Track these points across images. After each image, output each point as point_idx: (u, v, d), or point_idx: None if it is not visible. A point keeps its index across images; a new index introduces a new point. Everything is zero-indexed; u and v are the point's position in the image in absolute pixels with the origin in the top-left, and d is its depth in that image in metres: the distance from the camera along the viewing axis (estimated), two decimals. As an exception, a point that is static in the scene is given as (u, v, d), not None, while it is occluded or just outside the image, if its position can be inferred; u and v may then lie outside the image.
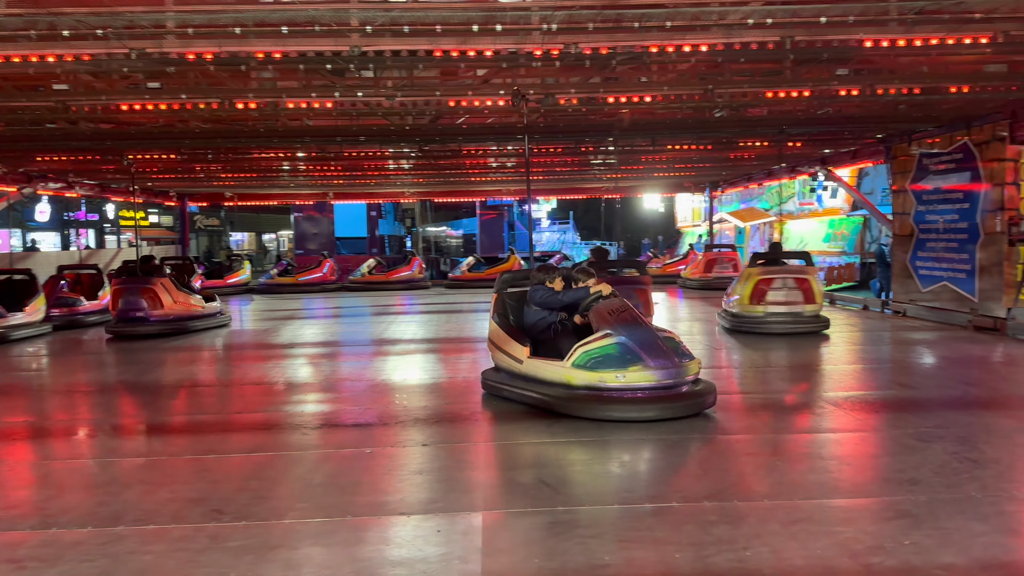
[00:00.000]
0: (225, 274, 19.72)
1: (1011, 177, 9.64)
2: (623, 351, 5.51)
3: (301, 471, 4.65)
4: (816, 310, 10.09)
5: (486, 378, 6.53)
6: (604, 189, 22.96)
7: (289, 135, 10.77)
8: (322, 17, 5.38)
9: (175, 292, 11.29)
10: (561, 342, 5.97)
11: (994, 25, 6.13)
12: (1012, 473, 4.33)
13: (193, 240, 31.70)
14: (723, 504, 3.86)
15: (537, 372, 5.88)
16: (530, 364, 5.95)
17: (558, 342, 6.01)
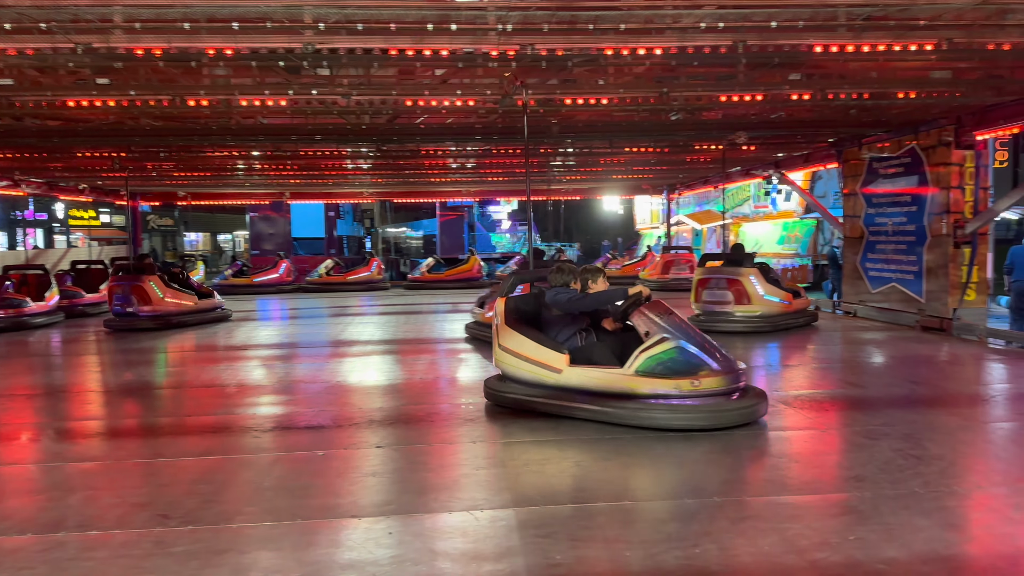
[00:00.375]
0: (178, 275, 19.32)
1: (956, 181, 9.91)
2: (686, 355, 5.23)
3: (251, 475, 4.58)
4: (751, 311, 10.19)
5: (496, 390, 5.94)
6: (564, 191, 23.05)
7: (243, 133, 10.61)
8: (274, 13, 5.31)
9: (164, 288, 11.91)
10: (593, 350, 5.61)
11: (938, 32, 6.29)
12: (954, 469, 4.44)
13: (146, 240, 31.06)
14: (674, 502, 3.89)
15: (585, 382, 5.40)
16: (573, 373, 5.44)
17: (589, 350, 5.65)
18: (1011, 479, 4.35)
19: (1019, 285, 10.95)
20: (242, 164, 14.93)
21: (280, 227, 23.98)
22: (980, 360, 8.27)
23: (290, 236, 24.52)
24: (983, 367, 8.00)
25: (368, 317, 13.96)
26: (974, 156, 9.92)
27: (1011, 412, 6.08)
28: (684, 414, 5.13)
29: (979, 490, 4.08)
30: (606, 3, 5.65)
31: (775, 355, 8.96)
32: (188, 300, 12.31)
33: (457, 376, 7.80)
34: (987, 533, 3.52)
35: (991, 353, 8.57)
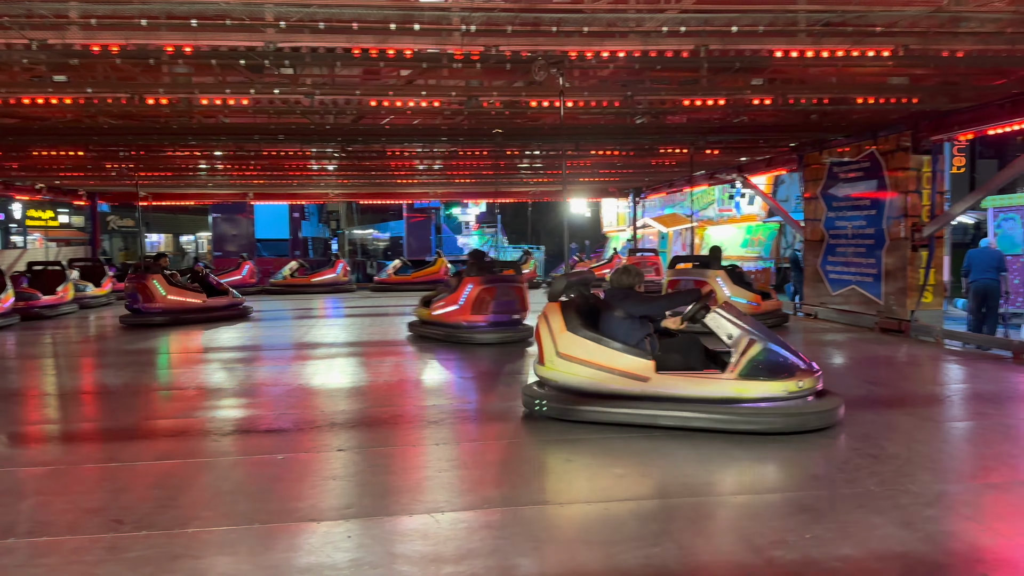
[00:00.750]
0: (139, 276, 18.99)
1: (914, 185, 10.11)
2: (776, 356, 5.12)
3: (209, 478, 4.51)
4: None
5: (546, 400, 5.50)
6: (531, 193, 23.08)
7: (204, 132, 10.46)
8: (234, 11, 5.23)
9: (167, 287, 12.62)
10: (681, 354, 5.41)
11: (895, 39, 6.42)
12: (909, 468, 4.52)
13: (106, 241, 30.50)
14: (635, 503, 3.90)
15: (680, 390, 5.15)
16: (664, 381, 5.17)
17: (675, 355, 5.42)
18: (964, 477, 4.45)
19: (976, 285, 11.33)
20: (204, 164, 14.72)
21: (243, 228, 23.68)
22: (937, 361, 8.43)
23: (254, 237, 24.22)
24: (939, 368, 8.16)
25: (333, 319, 13.84)
26: (931, 161, 10.12)
27: (966, 412, 6.21)
28: (794, 417, 5.05)
29: (933, 489, 4.16)
30: (569, 5, 5.68)
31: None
32: (195, 298, 12.94)
33: (422, 379, 7.77)
34: (940, 530, 3.58)
35: (947, 354, 8.75)
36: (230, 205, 23.07)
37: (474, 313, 9.66)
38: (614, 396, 5.29)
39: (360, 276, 24.03)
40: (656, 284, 17.93)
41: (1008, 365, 7.90)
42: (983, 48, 6.66)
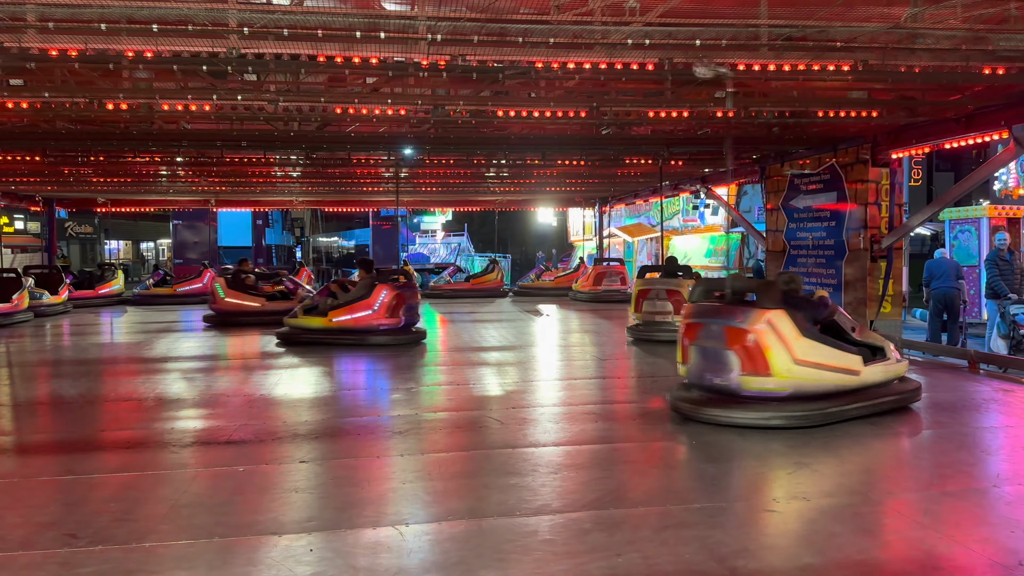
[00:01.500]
0: (96, 284, 18.64)
1: (873, 197, 10.31)
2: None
3: (167, 491, 4.41)
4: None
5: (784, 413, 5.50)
6: (498, 202, 23.12)
7: (165, 138, 10.29)
8: (196, 16, 5.15)
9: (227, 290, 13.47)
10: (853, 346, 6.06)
11: (854, 54, 6.54)
12: (868, 476, 4.59)
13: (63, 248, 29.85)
14: (598, 512, 3.91)
15: (879, 376, 6.01)
16: (870, 372, 5.87)
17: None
18: (922, 485, 4.53)
19: (937, 293, 12.21)
20: (165, 170, 14.49)
21: (205, 235, 23.36)
22: (894, 370, 8.57)
23: (216, 245, 23.89)
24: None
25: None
26: (889, 174, 10.34)
27: (924, 420, 6.32)
28: (908, 393, 6.32)
29: (891, 496, 4.23)
30: (535, 17, 5.69)
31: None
32: (253, 302, 13.54)
33: (387, 387, 7.71)
34: (898, 538, 3.64)
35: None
36: (192, 212, 22.75)
37: (388, 317, 10.42)
38: (836, 394, 5.68)
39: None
40: (622, 293, 18.08)
41: (964, 374, 8.07)
42: (939, 64, 6.82)
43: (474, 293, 20.70)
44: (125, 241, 45.11)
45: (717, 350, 5.61)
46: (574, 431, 5.69)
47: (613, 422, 6.08)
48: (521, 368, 8.86)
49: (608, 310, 15.92)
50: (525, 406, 6.64)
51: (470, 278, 22.00)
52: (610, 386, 7.82)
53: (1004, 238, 12.08)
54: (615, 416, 6.34)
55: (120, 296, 19.18)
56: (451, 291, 20.83)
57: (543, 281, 21.22)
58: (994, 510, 4.04)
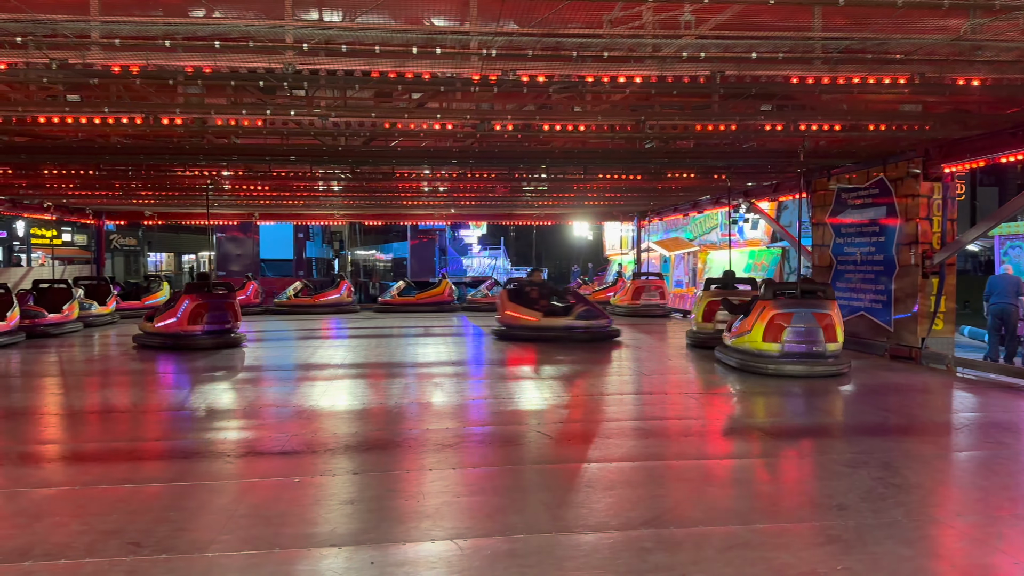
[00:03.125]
0: (143, 295, 18.99)
1: (924, 212, 10.11)
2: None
3: (224, 501, 4.45)
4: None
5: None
6: (535, 216, 23.13)
7: (216, 153, 10.47)
8: (257, 33, 5.24)
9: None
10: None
11: (911, 67, 6.43)
12: (933, 498, 4.47)
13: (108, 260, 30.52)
14: (659, 531, 3.85)
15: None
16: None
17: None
18: (989, 508, 4.39)
19: (995, 308, 12.30)
20: (212, 184, 14.74)
21: (248, 248, 23.69)
22: (949, 389, 8.38)
23: (258, 257, 24.22)
24: (952, 396, 8.11)
25: (338, 340, 13.79)
26: (942, 188, 10.13)
27: (982, 440, 6.15)
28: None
29: (959, 519, 4.10)
30: (590, 31, 5.69)
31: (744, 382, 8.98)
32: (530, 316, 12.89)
33: (432, 401, 7.71)
34: (969, 562, 3.53)
35: (959, 382, 8.69)
36: (235, 225, 23.11)
37: (190, 324, 11.56)
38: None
39: (363, 297, 24.00)
40: (661, 308, 17.94)
41: (1020, 393, 7.84)
42: (998, 77, 6.68)
43: (513, 306, 20.65)
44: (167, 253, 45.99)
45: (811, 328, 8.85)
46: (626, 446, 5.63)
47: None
48: (563, 382, 8.80)
49: (648, 324, 15.81)
50: (579, 421, 6.59)
51: (507, 292, 21.96)
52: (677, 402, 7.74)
53: None
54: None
55: (165, 307, 19.52)
56: (488, 304, 20.84)
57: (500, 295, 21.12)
58: (1069, 535, 3.90)
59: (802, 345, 8.84)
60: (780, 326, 8.83)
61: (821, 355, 8.85)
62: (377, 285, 25.86)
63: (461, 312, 20.31)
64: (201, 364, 10.27)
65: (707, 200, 18.04)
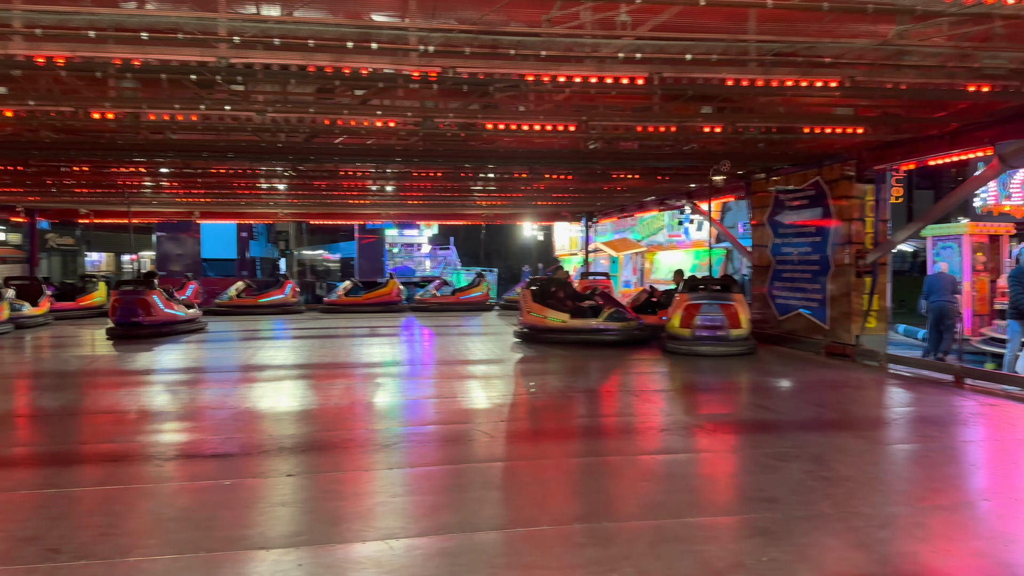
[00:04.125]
0: (77, 296, 18.42)
1: (858, 213, 10.38)
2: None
3: (152, 505, 4.33)
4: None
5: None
6: (485, 216, 23.10)
7: (151, 148, 10.20)
8: (186, 25, 5.11)
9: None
10: None
11: (842, 71, 6.60)
12: (861, 490, 4.58)
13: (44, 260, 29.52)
14: (593, 526, 3.87)
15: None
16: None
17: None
18: (913, 499, 4.52)
19: (934, 306, 12.67)
20: (149, 181, 14.36)
21: (188, 247, 23.14)
22: (882, 385, 8.62)
23: (199, 257, 23.68)
24: (884, 391, 8.34)
25: (281, 341, 13.57)
26: (874, 190, 10.42)
27: (911, 434, 6.35)
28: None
29: (884, 510, 4.21)
30: (527, 29, 5.70)
31: (685, 378, 9.11)
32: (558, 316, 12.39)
33: (374, 401, 7.63)
34: (892, 552, 3.62)
35: (891, 378, 8.95)
36: (175, 224, 22.56)
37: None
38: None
39: (309, 297, 23.65)
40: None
41: (949, 389, 8.11)
42: (924, 81, 6.89)
43: (460, 307, 20.64)
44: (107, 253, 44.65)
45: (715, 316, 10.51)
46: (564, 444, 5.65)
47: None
48: (508, 381, 8.81)
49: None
50: (520, 419, 6.59)
51: (456, 292, 21.95)
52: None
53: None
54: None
55: (102, 308, 18.94)
56: (437, 304, 20.76)
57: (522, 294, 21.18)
58: (986, 524, 4.04)
59: (710, 330, 10.55)
60: (692, 314, 10.59)
61: (726, 338, 10.62)
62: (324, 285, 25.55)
63: (409, 312, 20.18)
64: (139, 365, 10.00)
65: (652, 201, 18.27)
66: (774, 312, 12.24)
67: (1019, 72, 6.70)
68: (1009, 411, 6.91)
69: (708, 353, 10.43)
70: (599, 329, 11.69)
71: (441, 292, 21.53)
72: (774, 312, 12.24)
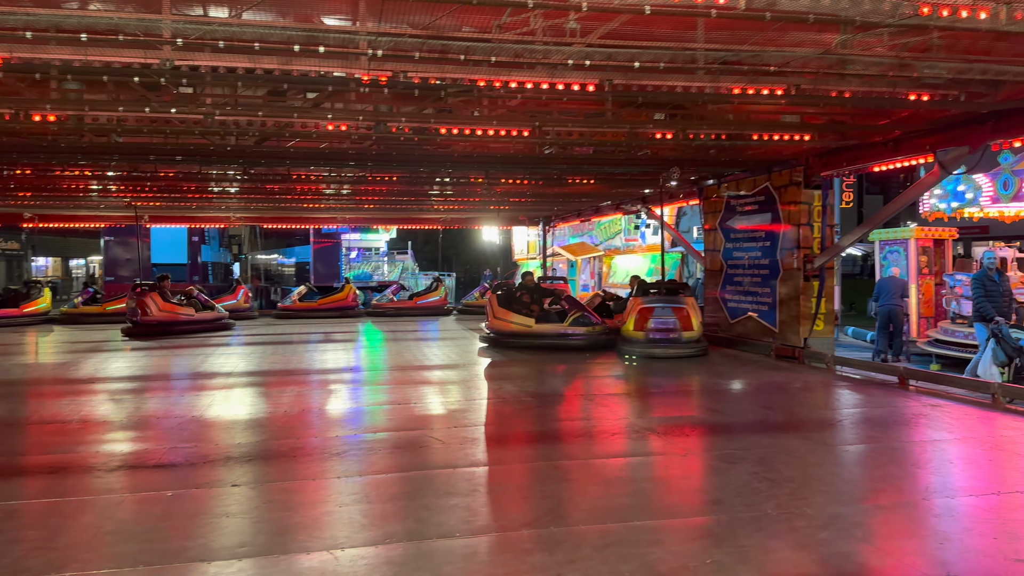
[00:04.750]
0: (21, 303, 17.90)
1: (806, 219, 10.60)
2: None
3: (91, 518, 4.22)
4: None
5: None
6: (442, 220, 23.03)
7: (95, 152, 9.96)
8: (127, 26, 5.00)
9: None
10: None
11: (787, 79, 6.73)
12: (804, 491, 4.66)
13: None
14: (539, 531, 3.87)
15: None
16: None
17: None
18: (855, 499, 4.61)
19: (884, 309, 13.25)
20: (96, 184, 14.03)
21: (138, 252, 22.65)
22: (828, 387, 8.79)
23: (149, 262, 23.19)
24: (831, 393, 8.51)
25: (232, 347, 13.33)
26: (821, 195, 10.65)
27: (856, 435, 6.48)
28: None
29: (826, 511, 4.29)
30: (477, 35, 5.70)
31: (637, 381, 9.19)
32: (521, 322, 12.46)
33: (326, 408, 7.55)
34: (833, 552, 3.69)
35: (838, 380, 9.14)
36: (124, 228, 22.05)
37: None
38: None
39: (263, 303, 23.33)
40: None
41: (894, 390, 8.31)
42: (867, 90, 7.06)
43: (418, 311, 20.56)
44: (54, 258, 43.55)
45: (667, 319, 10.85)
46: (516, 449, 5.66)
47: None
48: (465, 387, 8.79)
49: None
50: (469, 425, 6.57)
51: (414, 296, 21.85)
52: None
53: (993, 257, 10.84)
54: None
55: (47, 315, 18.46)
56: (394, 309, 20.65)
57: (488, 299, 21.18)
58: (923, 523, 4.14)
59: (663, 332, 10.92)
60: (646, 317, 10.98)
61: (678, 341, 10.98)
62: (278, 290, 25.20)
63: (366, 317, 20.03)
64: (83, 373, 9.75)
65: (608, 205, 18.42)
66: (726, 315, 12.42)
67: (957, 81, 6.90)
68: (951, 412, 7.10)
69: (661, 355, 10.74)
70: (564, 334, 11.81)
71: (398, 297, 21.42)
72: (726, 315, 12.42)
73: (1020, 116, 7.62)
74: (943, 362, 13.15)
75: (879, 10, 5.07)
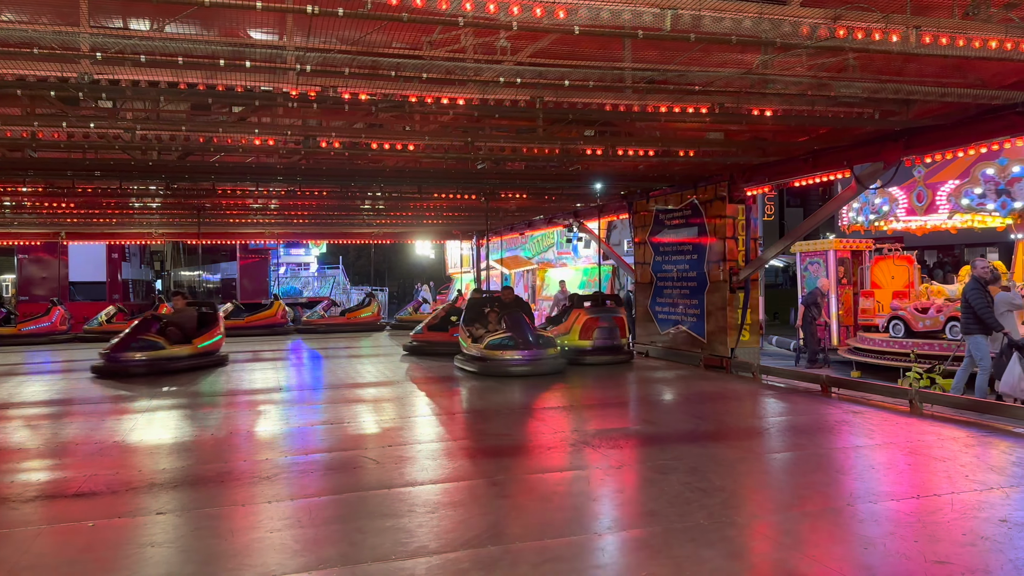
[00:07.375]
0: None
1: (731, 232, 10.91)
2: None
3: (6, 552, 4.00)
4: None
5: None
6: (375, 235, 22.82)
7: (8, 167, 9.54)
8: (42, 39, 4.82)
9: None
10: None
11: (711, 97, 6.93)
12: (734, 500, 4.77)
13: None
14: (477, 551, 3.85)
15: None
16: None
17: None
18: (783, 507, 4.74)
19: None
20: (9, 200, 13.42)
21: (54, 270, 21.73)
22: (755, 395, 9.03)
23: (66, 280, 22.26)
24: (758, 402, 8.74)
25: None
26: (745, 210, 10.98)
27: (782, 443, 6.67)
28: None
29: (756, 519, 4.40)
30: (408, 51, 5.69)
31: (570, 394, 9.27)
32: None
33: (255, 430, 7.36)
34: (763, 560, 3.79)
35: (764, 388, 9.40)
36: (40, 245, 21.14)
37: None
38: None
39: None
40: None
41: (817, 397, 8.59)
42: (787, 108, 7.33)
43: (350, 327, 20.30)
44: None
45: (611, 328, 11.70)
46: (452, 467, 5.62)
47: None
48: (399, 404, 8.69)
49: (485, 343, 15.91)
50: (403, 443, 6.50)
51: (346, 312, 21.57)
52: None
53: (986, 266, 10.24)
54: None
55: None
56: (325, 326, 20.34)
57: (421, 314, 21.05)
58: (849, 528, 4.28)
59: (606, 340, 11.70)
60: (591, 328, 11.65)
61: (619, 348, 11.85)
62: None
63: (296, 335, 19.65)
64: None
65: (540, 220, 18.58)
66: (657, 327, 12.64)
67: (871, 100, 7.23)
68: (871, 418, 7.38)
69: (607, 362, 11.60)
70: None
71: (330, 313, 21.12)
72: (657, 327, 12.64)
73: (931, 133, 8.02)
74: (863, 370, 13.68)
75: (798, 32, 5.27)
